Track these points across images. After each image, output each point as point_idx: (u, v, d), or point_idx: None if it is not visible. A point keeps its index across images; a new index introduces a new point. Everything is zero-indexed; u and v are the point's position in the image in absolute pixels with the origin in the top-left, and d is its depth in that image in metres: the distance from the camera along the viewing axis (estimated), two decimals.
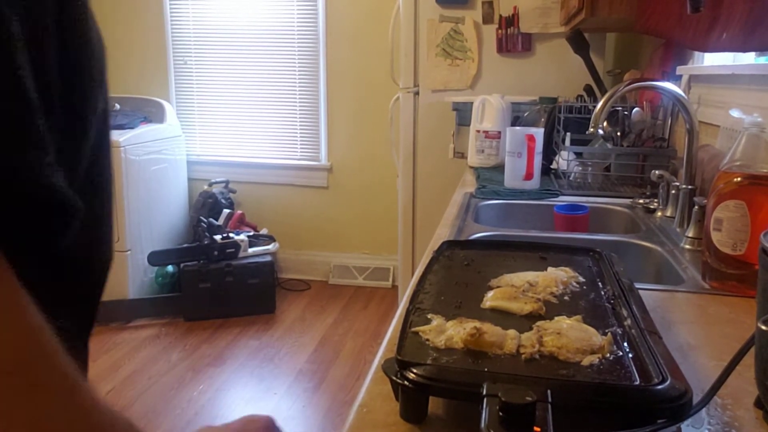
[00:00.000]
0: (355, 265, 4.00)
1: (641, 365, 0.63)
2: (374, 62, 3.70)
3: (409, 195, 2.87)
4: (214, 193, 3.83)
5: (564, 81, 2.64)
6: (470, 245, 1.04)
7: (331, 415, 2.53)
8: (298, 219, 4.04)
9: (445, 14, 2.71)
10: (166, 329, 3.29)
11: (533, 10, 2.65)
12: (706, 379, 0.74)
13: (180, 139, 3.88)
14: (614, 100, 1.46)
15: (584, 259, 0.97)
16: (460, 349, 0.66)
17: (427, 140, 2.81)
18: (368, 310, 3.58)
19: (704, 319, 0.94)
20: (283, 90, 3.92)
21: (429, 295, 0.81)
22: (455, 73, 2.75)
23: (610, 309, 0.78)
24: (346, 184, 3.95)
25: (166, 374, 2.82)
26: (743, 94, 1.48)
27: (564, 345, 0.65)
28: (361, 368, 2.91)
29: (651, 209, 1.62)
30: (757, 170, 1.00)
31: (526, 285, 0.83)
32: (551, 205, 1.68)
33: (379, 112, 3.72)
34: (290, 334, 3.25)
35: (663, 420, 0.56)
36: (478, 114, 2.28)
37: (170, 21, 3.95)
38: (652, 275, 1.32)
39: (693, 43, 1.59)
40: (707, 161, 1.53)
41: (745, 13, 1.27)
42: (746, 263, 1.01)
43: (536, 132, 1.86)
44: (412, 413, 0.63)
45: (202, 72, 3.99)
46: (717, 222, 1.04)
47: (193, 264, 3.38)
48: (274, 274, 3.57)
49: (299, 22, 3.82)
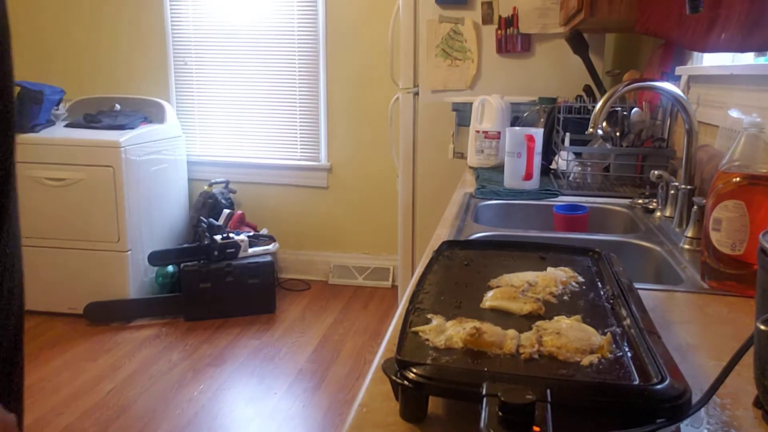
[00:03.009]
0: (355, 265, 4.00)
1: (640, 365, 0.63)
2: (374, 63, 3.71)
3: (409, 195, 2.87)
4: (214, 194, 3.83)
5: (563, 81, 2.64)
6: (470, 245, 1.04)
7: (331, 415, 2.53)
8: (298, 219, 4.04)
9: (444, 15, 2.72)
10: (166, 329, 3.29)
11: (533, 11, 2.65)
12: (705, 378, 0.74)
13: (180, 140, 3.88)
14: (613, 100, 1.46)
15: (583, 259, 0.98)
16: (459, 348, 0.66)
17: (426, 140, 2.81)
18: (368, 309, 3.59)
19: (703, 319, 0.94)
20: (283, 90, 3.92)
21: (429, 295, 0.81)
22: (455, 74, 2.75)
23: (609, 309, 0.78)
24: (346, 184, 3.95)
25: (166, 374, 2.83)
26: (742, 94, 1.48)
27: (563, 345, 0.66)
28: (361, 368, 2.91)
29: (650, 209, 1.63)
30: (756, 170, 1.01)
31: (525, 285, 0.83)
32: (551, 205, 1.68)
33: (379, 112, 3.72)
34: (290, 334, 3.25)
35: (662, 419, 0.56)
36: (478, 114, 2.28)
37: (170, 21, 3.96)
38: (651, 275, 1.32)
39: (692, 43, 1.59)
40: (706, 161, 1.53)
41: (743, 13, 1.28)
42: (745, 263, 1.01)
43: (536, 132, 1.86)
44: (412, 413, 0.64)
45: (202, 72, 3.99)
46: (716, 222, 1.04)
47: (194, 264, 3.38)
48: (274, 274, 3.58)
49: (299, 22, 3.82)
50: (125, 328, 3.30)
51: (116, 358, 2.97)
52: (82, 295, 3.36)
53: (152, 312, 3.42)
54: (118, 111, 3.67)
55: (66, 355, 3.00)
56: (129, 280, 3.38)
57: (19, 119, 3.34)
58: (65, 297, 3.39)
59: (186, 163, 3.97)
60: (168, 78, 4.02)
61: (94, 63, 4.10)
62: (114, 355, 3.01)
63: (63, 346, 3.08)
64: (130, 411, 2.53)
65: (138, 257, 3.44)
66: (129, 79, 4.08)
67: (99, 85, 4.08)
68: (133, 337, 3.20)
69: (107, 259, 3.36)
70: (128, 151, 3.33)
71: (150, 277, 3.54)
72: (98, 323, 3.34)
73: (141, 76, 4.06)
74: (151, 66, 4.03)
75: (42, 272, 3.40)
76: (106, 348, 3.08)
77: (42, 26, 4.11)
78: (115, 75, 4.10)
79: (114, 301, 3.36)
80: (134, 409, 2.54)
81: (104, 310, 3.35)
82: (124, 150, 3.30)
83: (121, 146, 3.28)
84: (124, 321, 3.37)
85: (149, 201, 3.55)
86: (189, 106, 4.05)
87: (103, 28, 4.02)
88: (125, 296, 3.39)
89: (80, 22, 4.04)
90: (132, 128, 3.48)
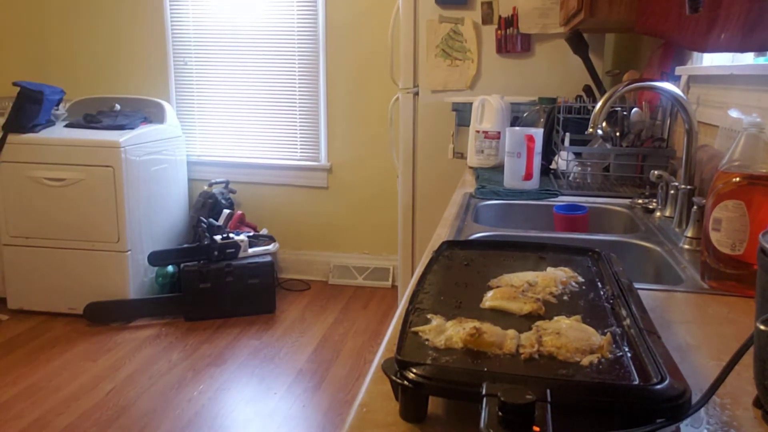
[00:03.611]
0: (355, 265, 4.00)
1: (640, 365, 0.63)
2: (374, 63, 3.71)
3: (409, 195, 2.87)
4: (214, 194, 3.83)
5: (563, 81, 2.64)
6: (470, 245, 1.04)
7: (331, 415, 2.53)
8: (298, 219, 4.04)
9: (444, 15, 2.72)
10: (166, 329, 3.29)
11: (532, 11, 2.65)
12: (704, 378, 0.74)
13: (180, 140, 3.88)
14: (613, 100, 1.46)
15: (583, 259, 0.98)
16: (459, 348, 0.66)
17: (426, 141, 2.81)
18: (368, 310, 3.59)
19: (703, 319, 0.94)
20: (283, 90, 3.92)
21: (429, 295, 0.81)
22: (455, 74, 2.75)
23: (609, 309, 0.78)
24: (346, 184, 3.95)
25: (166, 374, 2.83)
26: (742, 94, 1.48)
27: (563, 345, 0.66)
28: (360, 368, 2.91)
29: (650, 209, 1.63)
30: (755, 170, 1.01)
31: (525, 285, 0.83)
32: (550, 205, 1.68)
33: (379, 112, 3.72)
34: (290, 334, 3.25)
35: (662, 419, 0.56)
36: (478, 114, 2.28)
37: (170, 21, 3.96)
38: (651, 275, 1.32)
39: (692, 43, 1.59)
40: (706, 161, 1.53)
41: (743, 13, 1.28)
42: (745, 263, 1.01)
43: (535, 132, 1.86)
44: (412, 413, 0.64)
45: (202, 72, 3.99)
46: (716, 222, 1.04)
47: (193, 264, 3.38)
48: (274, 274, 3.58)
49: (299, 22, 3.82)
50: (125, 329, 3.30)
51: (116, 358, 2.97)
52: (82, 295, 3.36)
53: (152, 312, 3.42)
54: (118, 111, 3.67)
55: (66, 355, 3.00)
56: (129, 281, 3.39)
57: (19, 119, 3.34)
58: (65, 297, 3.39)
59: (186, 163, 3.97)
60: (168, 78, 4.02)
61: (94, 63, 4.10)
62: (114, 355, 3.01)
63: (63, 346, 3.08)
64: (130, 411, 2.53)
65: (138, 257, 3.44)
66: (129, 79, 4.08)
67: (99, 85, 4.08)
68: (133, 337, 3.20)
69: (107, 259, 3.37)
70: (128, 151, 3.33)
71: (150, 277, 3.54)
72: (98, 323, 3.34)
73: (141, 76, 4.06)
74: (151, 66, 4.03)
75: (42, 272, 3.40)
76: (106, 348, 3.08)
77: (42, 26, 4.11)
78: (115, 75, 4.10)
79: (114, 301, 3.36)
80: (134, 409, 2.54)
81: (104, 311, 3.35)
82: (124, 150, 3.30)
83: (121, 146, 3.28)
84: (124, 321, 3.37)
85: (149, 201, 3.55)
86: (189, 106, 4.05)
87: (103, 28, 4.02)
88: (125, 296, 3.39)
89: (80, 22, 4.04)
90: (132, 128, 3.48)
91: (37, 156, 3.31)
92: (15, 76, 3.83)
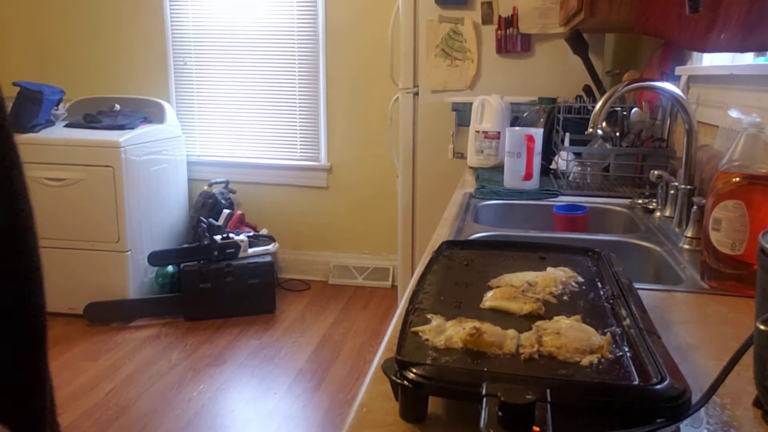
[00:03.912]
0: (355, 265, 4.00)
1: (640, 365, 0.63)
2: (374, 63, 3.71)
3: (409, 195, 2.87)
4: (214, 194, 3.83)
5: (563, 81, 2.64)
6: (470, 245, 1.04)
7: (331, 415, 2.53)
8: (298, 219, 4.04)
9: (444, 15, 2.72)
10: (166, 329, 3.29)
11: (532, 11, 2.65)
12: (704, 378, 0.74)
13: (180, 140, 3.88)
14: (613, 100, 1.46)
15: (583, 259, 0.98)
16: (459, 348, 0.66)
17: (426, 141, 2.81)
18: (368, 309, 3.59)
19: (703, 319, 0.94)
20: (283, 90, 3.92)
21: (428, 295, 0.81)
22: (454, 74, 2.75)
23: (609, 309, 0.78)
24: (346, 184, 3.95)
25: (166, 374, 2.83)
26: (742, 94, 1.48)
27: (563, 345, 0.66)
28: (360, 368, 2.91)
29: (650, 209, 1.63)
30: (755, 170, 1.01)
31: (525, 285, 0.83)
32: (550, 205, 1.68)
33: (379, 112, 3.72)
34: (290, 334, 3.25)
35: (662, 419, 0.56)
36: (478, 114, 2.28)
37: (170, 21, 3.96)
38: (651, 275, 1.32)
39: (692, 43, 1.59)
40: (706, 161, 1.53)
41: (743, 13, 1.28)
42: (745, 263, 1.01)
43: (535, 132, 1.86)
44: (412, 413, 0.64)
45: (202, 72, 3.99)
46: (716, 222, 1.04)
47: (193, 264, 3.38)
48: (274, 274, 3.58)
49: (299, 22, 3.82)
50: (125, 328, 3.30)
51: (116, 358, 2.97)
52: (81, 295, 3.36)
53: (152, 312, 3.42)
54: (118, 111, 3.67)
55: (66, 355, 3.00)
56: (129, 281, 3.38)
57: (18, 119, 3.34)
58: (65, 297, 3.39)
59: (186, 163, 3.97)
60: (168, 78, 4.02)
61: (94, 63, 4.10)
62: (114, 355, 3.01)
63: (63, 346, 3.08)
64: (130, 411, 2.53)
65: (138, 257, 3.44)
66: (129, 79, 4.08)
67: (99, 85, 4.08)
68: (133, 337, 3.20)
69: (107, 259, 3.37)
70: (128, 151, 3.33)
71: (150, 277, 3.54)
72: (98, 323, 3.34)
73: (141, 76, 4.06)
74: (151, 66, 4.03)
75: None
76: (106, 348, 3.08)
77: (42, 26, 4.11)
78: (115, 75, 4.10)
79: (114, 301, 3.36)
80: (134, 409, 2.54)
81: (104, 310, 3.35)
82: (124, 150, 3.30)
83: (121, 146, 3.28)
84: (124, 321, 3.37)
85: (149, 201, 3.55)
86: (189, 106, 4.05)
87: (103, 27, 4.02)
88: (125, 296, 3.39)
89: (80, 22, 4.04)
90: (132, 128, 3.48)
91: (37, 156, 3.31)
92: (15, 76, 3.83)
